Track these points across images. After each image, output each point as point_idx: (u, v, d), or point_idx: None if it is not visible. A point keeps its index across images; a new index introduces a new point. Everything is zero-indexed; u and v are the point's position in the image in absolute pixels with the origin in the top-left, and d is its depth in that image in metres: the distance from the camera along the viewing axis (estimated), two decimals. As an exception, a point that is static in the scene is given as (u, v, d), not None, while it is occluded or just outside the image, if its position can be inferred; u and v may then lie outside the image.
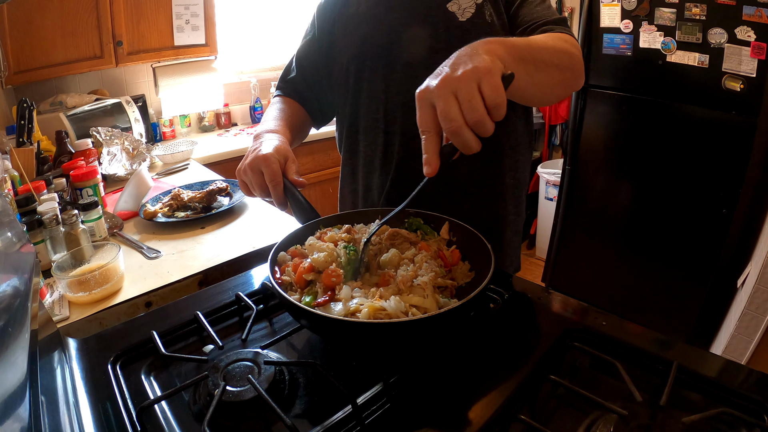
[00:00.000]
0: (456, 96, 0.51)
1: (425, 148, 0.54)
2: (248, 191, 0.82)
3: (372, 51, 0.93)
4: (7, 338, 0.40)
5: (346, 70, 0.96)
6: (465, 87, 0.50)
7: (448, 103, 0.50)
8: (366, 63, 0.94)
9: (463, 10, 0.87)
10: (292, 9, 2.94)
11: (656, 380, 0.51)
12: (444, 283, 0.63)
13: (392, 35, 0.91)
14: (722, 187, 1.81)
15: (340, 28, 0.97)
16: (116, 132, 1.86)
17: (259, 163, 0.77)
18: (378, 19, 0.92)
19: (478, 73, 0.51)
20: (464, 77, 0.51)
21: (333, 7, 0.99)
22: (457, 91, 0.51)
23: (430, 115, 0.53)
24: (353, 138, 1.01)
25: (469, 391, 0.54)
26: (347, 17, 0.96)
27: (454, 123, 0.50)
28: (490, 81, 0.51)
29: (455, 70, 0.52)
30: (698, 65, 1.81)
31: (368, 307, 0.55)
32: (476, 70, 0.51)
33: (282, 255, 0.69)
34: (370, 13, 0.93)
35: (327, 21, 1.00)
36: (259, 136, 0.86)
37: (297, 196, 0.77)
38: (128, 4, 2.14)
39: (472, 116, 0.50)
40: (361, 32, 0.93)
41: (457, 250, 0.70)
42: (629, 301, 2.20)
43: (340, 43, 0.97)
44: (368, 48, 0.93)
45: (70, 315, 0.95)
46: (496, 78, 0.51)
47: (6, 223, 0.61)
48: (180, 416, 0.52)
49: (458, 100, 0.50)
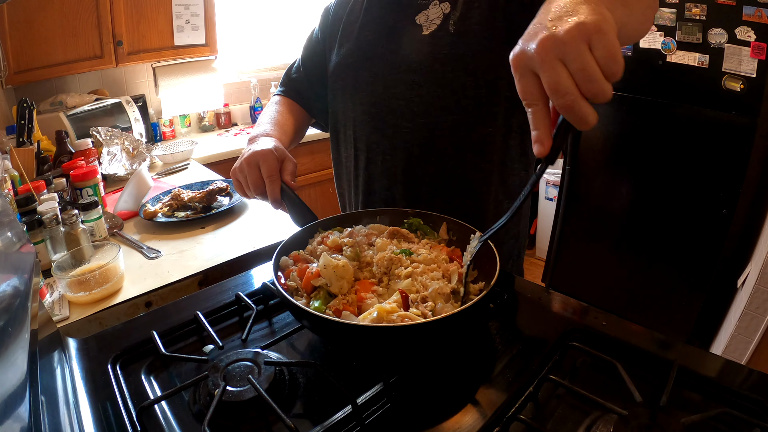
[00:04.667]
0: (564, 62, 0.41)
1: (534, 123, 0.44)
2: (243, 191, 0.81)
3: (343, 70, 0.93)
4: (7, 338, 0.40)
5: (330, 82, 0.97)
6: (573, 51, 0.40)
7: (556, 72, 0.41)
8: (338, 82, 0.95)
9: (430, 22, 0.84)
10: (292, 9, 2.94)
11: (656, 380, 0.51)
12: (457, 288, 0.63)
13: (359, 52, 0.90)
14: (722, 187, 1.80)
15: (331, 39, 0.97)
16: (116, 132, 1.86)
17: (258, 158, 0.77)
18: (354, 35, 0.92)
19: (587, 31, 0.40)
20: (570, 38, 0.40)
21: (334, 14, 0.98)
22: (564, 57, 0.41)
23: (535, 84, 0.43)
24: (334, 144, 1.02)
25: (468, 391, 0.54)
26: (343, 25, 0.95)
27: (568, 97, 0.41)
28: (604, 41, 0.40)
29: (556, 28, 0.41)
30: (698, 65, 1.81)
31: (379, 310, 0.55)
32: (584, 27, 0.41)
33: (284, 260, 0.69)
34: (350, 28, 0.93)
35: (327, 25, 0.99)
36: (254, 139, 0.86)
37: (294, 198, 0.77)
38: (128, 4, 2.14)
39: (589, 87, 0.40)
40: (343, 47, 0.93)
41: (458, 249, 0.70)
42: (629, 301, 2.20)
43: (330, 53, 0.97)
44: (341, 65, 0.93)
45: (70, 315, 0.95)
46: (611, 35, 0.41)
47: (6, 223, 0.61)
48: (180, 416, 0.52)
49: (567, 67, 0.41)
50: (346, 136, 0.96)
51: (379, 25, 0.89)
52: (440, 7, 0.83)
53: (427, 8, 0.84)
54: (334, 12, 0.98)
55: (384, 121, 0.88)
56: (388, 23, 0.88)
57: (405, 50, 0.85)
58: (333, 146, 1.03)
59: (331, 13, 0.98)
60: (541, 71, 0.42)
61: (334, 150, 1.02)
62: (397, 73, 0.86)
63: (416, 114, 0.85)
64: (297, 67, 1.06)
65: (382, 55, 0.87)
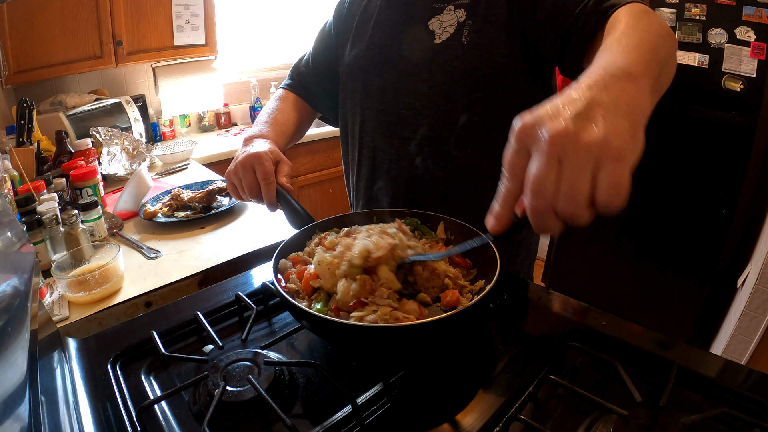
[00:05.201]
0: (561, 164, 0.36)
1: (501, 199, 0.41)
2: (237, 194, 0.80)
3: (354, 73, 0.91)
4: (7, 338, 0.40)
5: (341, 82, 0.96)
6: (576, 164, 0.36)
7: (547, 169, 0.37)
8: (349, 84, 0.93)
9: (443, 29, 0.81)
10: (292, 9, 2.94)
11: (656, 380, 0.51)
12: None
13: (371, 54, 0.89)
14: (722, 187, 1.81)
15: (344, 34, 0.96)
16: (116, 132, 1.86)
17: (252, 160, 0.76)
18: (367, 36, 0.90)
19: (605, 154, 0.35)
20: (585, 151, 0.36)
21: (348, 10, 0.97)
22: (564, 160, 0.36)
23: (522, 163, 0.39)
24: (344, 142, 1.01)
25: (468, 391, 0.54)
26: (357, 22, 0.94)
27: (540, 202, 0.37)
28: (617, 171, 0.35)
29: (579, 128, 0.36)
30: (698, 65, 1.81)
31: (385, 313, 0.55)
32: (605, 147, 0.35)
33: (282, 262, 0.68)
34: (363, 27, 0.91)
35: (341, 20, 0.98)
36: (249, 140, 0.85)
37: (290, 200, 0.76)
38: (128, 4, 2.14)
39: (566, 207, 0.37)
40: (355, 47, 0.92)
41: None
42: (629, 301, 2.20)
43: (343, 50, 0.96)
44: (353, 67, 0.92)
45: (70, 315, 0.95)
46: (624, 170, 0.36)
47: (6, 223, 0.61)
48: (180, 416, 0.52)
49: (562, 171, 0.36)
50: (354, 138, 0.95)
51: (392, 28, 0.87)
52: (455, 13, 0.81)
53: (441, 13, 0.82)
54: (348, 7, 0.96)
55: (391, 131, 0.87)
56: (401, 26, 0.86)
57: (416, 58, 0.83)
58: (342, 144, 1.02)
59: (346, 8, 0.97)
60: (534, 156, 0.38)
61: (344, 148, 1.01)
62: (407, 81, 0.84)
63: (423, 126, 0.83)
64: (307, 60, 1.04)
65: (394, 61, 0.86)
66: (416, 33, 0.84)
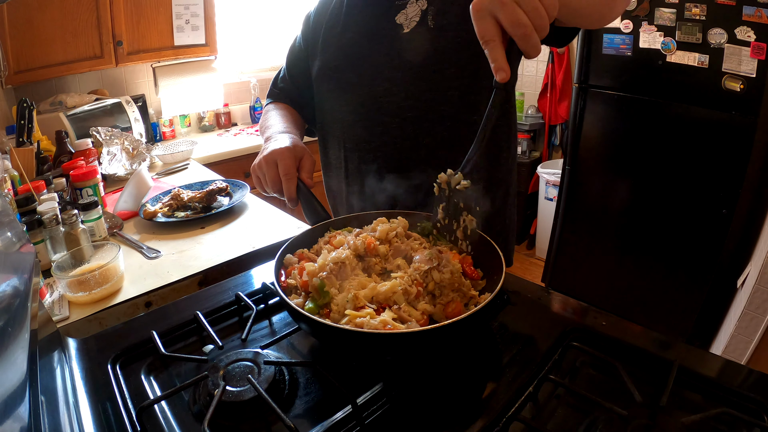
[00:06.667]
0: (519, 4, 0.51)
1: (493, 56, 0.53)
2: (262, 187, 0.82)
3: (327, 74, 0.94)
4: (7, 338, 0.40)
5: (315, 87, 0.98)
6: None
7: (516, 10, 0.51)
8: (323, 85, 0.95)
9: (410, 20, 0.86)
10: (292, 9, 2.94)
11: (656, 380, 0.51)
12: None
13: (343, 55, 0.91)
14: (722, 187, 1.81)
15: (313, 45, 0.98)
16: (116, 132, 1.86)
17: (275, 156, 0.78)
18: (336, 40, 0.92)
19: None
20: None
21: (315, 21, 0.99)
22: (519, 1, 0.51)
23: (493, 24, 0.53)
24: (323, 147, 1.03)
25: (468, 391, 0.54)
26: (324, 31, 0.96)
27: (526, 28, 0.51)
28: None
29: None
30: (698, 65, 1.81)
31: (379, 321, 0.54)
32: None
33: (288, 257, 0.68)
34: (331, 33, 0.94)
35: (309, 32, 1.00)
36: (272, 137, 0.87)
37: (309, 196, 0.77)
38: (128, 4, 2.14)
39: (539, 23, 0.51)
40: (327, 52, 0.94)
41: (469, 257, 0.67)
42: (629, 301, 2.20)
43: (314, 60, 0.98)
44: (327, 68, 0.94)
45: (70, 315, 0.95)
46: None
47: (6, 223, 0.61)
48: (180, 416, 0.52)
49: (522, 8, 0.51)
50: (335, 137, 0.96)
51: (362, 28, 0.90)
52: (417, 4, 0.86)
53: (405, 7, 0.86)
54: (314, 19, 0.99)
55: (372, 120, 0.89)
56: (369, 26, 0.89)
57: (388, 49, 0.87)
58: (321, 149, 1.04)
59: (312, 20, 0.99)
60: (501, 12, 0.51)
61: (323, 153, 1.03)
62: (381, 72, 0.87)
63: (403, 109, 0.87)
64: (283, 76, 1.06)
65: (366, 56, 0.88)
66: (385, 29, 0.87)
